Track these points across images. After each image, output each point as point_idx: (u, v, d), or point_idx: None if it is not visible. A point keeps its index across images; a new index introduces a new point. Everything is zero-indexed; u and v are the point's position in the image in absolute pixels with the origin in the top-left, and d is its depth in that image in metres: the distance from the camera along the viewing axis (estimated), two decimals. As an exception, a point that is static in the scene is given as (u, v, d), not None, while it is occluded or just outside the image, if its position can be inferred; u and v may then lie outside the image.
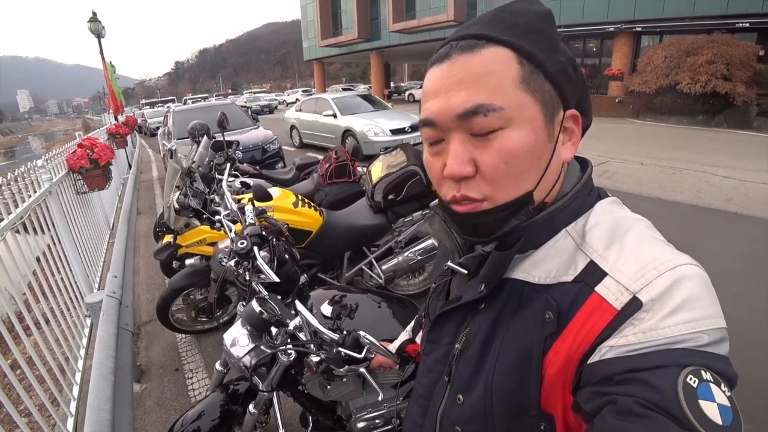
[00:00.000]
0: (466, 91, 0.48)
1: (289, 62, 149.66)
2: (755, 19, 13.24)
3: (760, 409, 1.90)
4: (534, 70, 0.48)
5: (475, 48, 0.48)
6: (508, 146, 0.48)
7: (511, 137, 0.48)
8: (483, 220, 0.52)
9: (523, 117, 0.48)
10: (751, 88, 11.46)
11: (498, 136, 0.48)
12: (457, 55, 0.49)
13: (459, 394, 0.60)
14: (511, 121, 0.48)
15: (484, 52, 0.48)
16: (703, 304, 0.42)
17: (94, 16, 9.42)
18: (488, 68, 0.47)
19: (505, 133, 0.48)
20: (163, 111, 13.67)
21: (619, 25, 15.85)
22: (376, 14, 26.83)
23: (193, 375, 2.54)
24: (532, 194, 0.51)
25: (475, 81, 0.47)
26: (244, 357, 1.11)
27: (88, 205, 3.91)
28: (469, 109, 0.47)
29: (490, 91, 0.47)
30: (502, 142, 0.48)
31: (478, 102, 0.47)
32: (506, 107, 0.47)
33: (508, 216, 0.51)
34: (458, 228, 0.57)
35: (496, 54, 0.48)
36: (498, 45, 0.48)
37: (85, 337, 2.58)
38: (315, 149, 10.11)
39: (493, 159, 0.48)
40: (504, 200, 0.50)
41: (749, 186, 5.77)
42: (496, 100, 0.47)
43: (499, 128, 0.48)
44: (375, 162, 2.98)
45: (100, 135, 6.59)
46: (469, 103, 0.47)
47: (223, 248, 2.19)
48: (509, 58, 0.48)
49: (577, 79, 0.52)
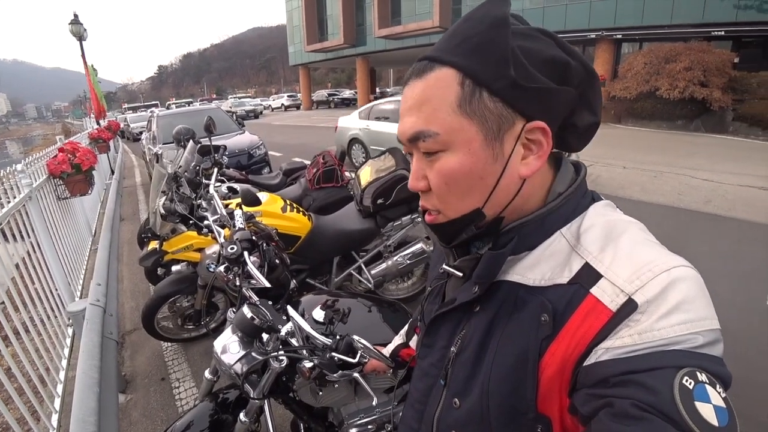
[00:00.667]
0: (412, 118, 0.52)
1: (275, 67, 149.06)
2: (729, 28, 13.72)
3: (742, 405, 1.95)
4: (476, 90, 0.48)
5: (424, 73, 0.51)
6: (445, 169, 0.51)
7: (448, 161, 0.51)
8: (441, 230, 0.58)
9: (459, 140, 0.50)
10: (726, 94, 11.81)
11: (439, 158, 0.52)
12: (411, 81, 0.53)
13: (455, 397, 0.59)
14: (447, 144, 0.50)
15: (430, 77, 0.50)
16: (698, 306, 0.42)
17: (75, 19, 9.26)
18: (429, 94, 0.50)
19: (444, 155, 0.51)
20: (147, 116, 13.47)
21: (600, 32, 16.24)
22: (361, 20, 26.96)
23: (180, 384, 2.49)
24: (480, 211, 0.53)
25: (418, 108, 0.51)
26: (235, 364, 1.09)
27: (70, 211, 3.82)
28: (412, 135, 0.52)
29: (427, 117, 0.50)
30: (441, 164, 0.52)
31: (417, 129, 0.51)
32: (441, 132, 0.50)
33: (460, 229, 0.56)
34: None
35: (438, 77, 0.49)
36: (444, 66, 0.49)
37: (67, 347, 2.51)
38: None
39: (435, 179, 0.53)
40: (452, 216, 0.55)
41: (727, 188, 5.93)
42: (432, 126, 0.50)
43: (440, 151, 0.51)
44: (363, 167, 2.98)
45: (82, 139, 6.46)
46: (411, 130, 0.52)
47: (211, 254, 2.17)
48: (452, 80, 0.49)
49: (545, 89, 0.48)
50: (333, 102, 35.25)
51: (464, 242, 0.57)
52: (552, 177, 0.57)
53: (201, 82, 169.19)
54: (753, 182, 6.22)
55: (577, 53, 0.52)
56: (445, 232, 0.58)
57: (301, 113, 31.28)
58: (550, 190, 0.56)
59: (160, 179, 2.32)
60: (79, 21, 9.31)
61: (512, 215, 0.55)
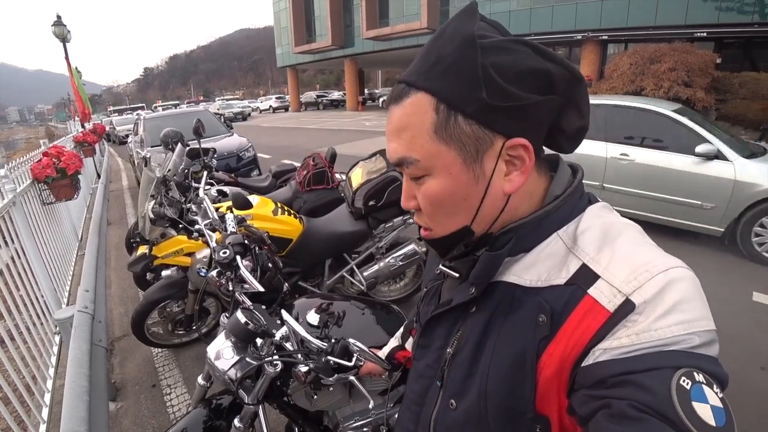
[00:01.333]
0: (393, 143, 0.54)
1: (262, 69, 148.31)
2: (711, 29, 14.00)
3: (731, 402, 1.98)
4: (450, 115, 0.48)
5: (401, 98, 0.51)
6: (429, 192, 0.53)
7: (430, 185, 0.53)
8: (433, 245, 0.61)
9: (438, 165, 0.51)
10: (710, 94, 12.04)
11: (424, 181, 0.54)
12: (391, 105, 0.53)
13: (452, 399, 0.59)
14: (428, 170, 0.52)
15: (406, 103, 0.51)
16: (694, 306, 0.43)
17: (58, 20, 9.09)
18: (406, 122, 0.51)
19: (427, 180, 0.53)
20: (133, 118, 13.29)
21: (586, 33, 16.45)
22: (349, 21, 26.95)
23: (171, 391, 2.45)
24: (469, 228, 0.55)
25: (398, 134, 0.53)
26: (229, 370, 1.08)
27: (55, 217, 3.75)
28: (396, 161, 0.54)
29: (407, 144, 0.52)
30: (425, 187, 0.53)
31: (400, 155, 0.53)
32: (421, 159, 0.51)
33: (451, 244, 0.58)
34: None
35: (414, 104, 0.50)
36: (419, 91, 0.50)
37: (54, 355, 2.46)
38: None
39: (422, 201, 0.55)
40: (442, 233, 0.57)
41: (712, 187, 6.02)
42: (413, 153, 0.51)
43: (424, 175, 0.53)
44: (354, 168, 2.98)
45: (67, 143, 6.35)
46: (395, 155, 0.54)
47: (201, 258, 2.15)
48: (427, 105, 0.49)
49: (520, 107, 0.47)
50: (322, 103, 35.20)
51: (459, 256, 0.60)
52: (547, 181, 0.57)
53: (188, 84, 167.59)
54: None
55: (559, 58, 0.50)
56: (438, 246, 0.60)
57: (290, 115, 31.18)
58: (547, 192, 0.56)
59: (148, 183, 2.29)
60: (62, 22, 9.14)
61: (502, 225, 0.56)
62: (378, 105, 30.15)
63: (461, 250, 0.59)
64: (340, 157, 3.88)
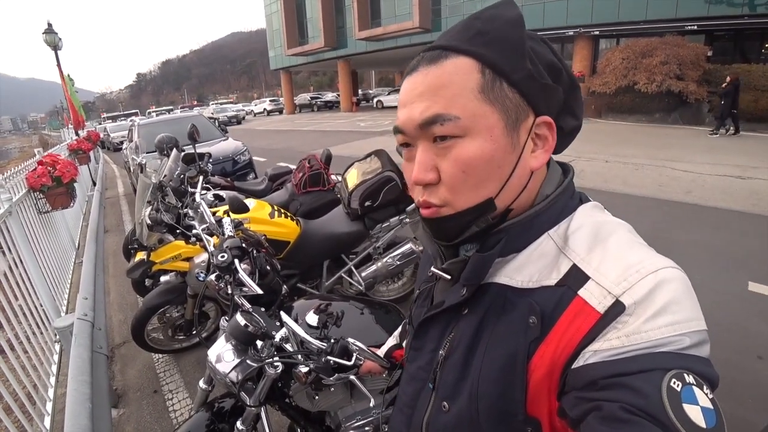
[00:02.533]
0: (426, 102, 0.50)
1: (256, 72, 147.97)
2: (702, 22, 14.08)
3: (721, 396, 2.00)
4: (496, 79, 0.49)
5: (439, 59, 0.50)
6: (464, 155, 0.50)
7: (468, 146, 0.50)
8: (444, 225, 0.54)
9: (480, 126, 0.49)
10: (701, 87, 12.13)
11: (456, 144, 0.50)
12: (422, 68, 0.51)
13: (444, 401, 0.59)
14: (467, 130, 0.49)
15: (446, 64, 0.50)
16: (684, 307, 0.43)
17: (49, 28, 9.06)
18: (447, 80, 0.49)
19: (463, 142, 0.50)
20: (127, 125, 13.22)
21: (578, 29, 16.51)
22: (341, 22, 26.93)
23: (173, 396, 2.45)
24: (492, 201, 0.52)
25: (434, 92, 0.50)
26: (230, 372, 1.08)
27: (52, 225, 3.75)
28: (427, 119, 0.50)
29: (447, 101, 0.49)
30: (458, 151, 0.50)
31: (435, 112, 0.49)
32: (462, 117, 0.49)
33: (468, 222, 0.53)
34: (429, 230, 0.59)
35: (457, 65, 0.49)
36: (461, 55, 0.50)
37: (55, 363, 2.46)
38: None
39: (451, 167, 0.51)
40: (464, 206, 0.52)
41: (706, 178, 6.09)
42: (453, 110, 0.49)
43: (457, 137, 0.50)
44: (350, 169, 2.98)
45: (61, 151, 6.33)
46: (427, 112, 0.50)
47: (200, 263, 2.15)
48: (471, 67, 0.49)
49: (551, 86, 0.52)
50: (316, 105, 35.17)
51: (470, 239, 0.55)
52: (544, 177, 0.57)
53: (181, 89, 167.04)
54: (729, 171, 6.40)
55: (565, 63, 0.55)
56: (447, 227, 0.55)
57: (284, 117, 31.11)
58: (538, 192, 0.56)
59: (144, 189, 2.30)
60: (53, 30, 9.11)
61: (517, 210, 0.55)
62: (372, 105, 30.13)
63: (484, 223, 0.53)
64: (336, 159, 3.89)
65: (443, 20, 21.18)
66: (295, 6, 29.60)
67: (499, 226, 0.54)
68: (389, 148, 2.89)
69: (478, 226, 0.53)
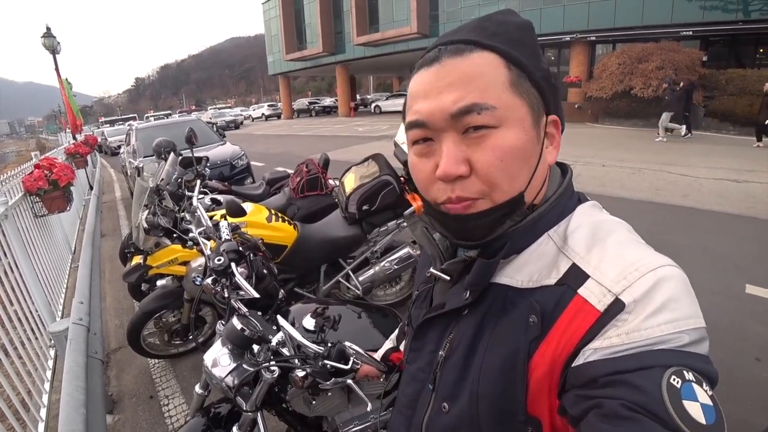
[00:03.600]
0: (459, 92, 0.49)
1: (254, 77, 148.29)
2: (697, 28, 14.20)
3: (719, 398, 2.00)
4: (521, 75, 0.50)
5: (464, 52, 0.50)
6: (503, 144, 0.49)
7: (504, 136, 0.49)
8: (479, 222, 0.52)
9: (514, 117, 0.50)
10: (698, 91, 12.19)
11: (491, 134, 0.49)
12: (446, 59, 0.50)
13: (444, 402, 0.59)
14: (502, 120, 0.49)
15: (474, 56, 0.49)
16: (683, 305, 0.43)
17: (48, 32, 9.06)
18: (479, 71, 0.49)
19: (499, 132, 0.49)
20: (125, 129, 13.21)
21: (575, 34, 16.62)
22: (340, 28, 27.04)
23: (169, 401, 2.44)
24: (523, 195, 0.52)
25: (467, 82, 0.49)
26: (226, 377, 1.08)
27: (48, 229, 3.73)
28: (463, 108, 0.48)
29: (481, 91, 0.48)
30: (495, 140, 0.49)
31: (471, 101, 0.48)
32: (498, 107, 0.48)
33: (503, 216, 0.52)
34: (451, 230, 0.56)
35: (484, 58, 0.50)
36: (486, 50, 0.50)
37: (50, 369, 2.44)
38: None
39: (488, 157, 0.49)
40: (501, 199, 0.51)
41: (702, 182, 6.12)
42: (489, 99, 0.48)
43: (492, 127, 0.49)
44: (347, 173, 2.98)
45: (58, 155, 6.32)
46: (463, 102, 0.48)
47: (197, 267, 2.14)
48: (498, 62, 0.50)
49: (557, 87, 0.55)
50: (314, 110, 35.19)
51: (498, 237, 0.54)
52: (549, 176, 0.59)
53: (179, 94, 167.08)
54: (725, 175, 6.43)
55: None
56: (478, 225, 0.52)
57: (282, 122, 31.14)
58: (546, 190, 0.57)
59: (141, 193, 2.29)
60: (51, 34, 9.11)
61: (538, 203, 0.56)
62: (370, 110, 30.15)
63: (520, 216, 0.53)
64: (334, 163, 3.89)
65: (441, 26, 21.29)
66: (294, 11, 29.71)
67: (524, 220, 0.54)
68: (387, 153, 2.90)
69: (513, 221, 0.53)
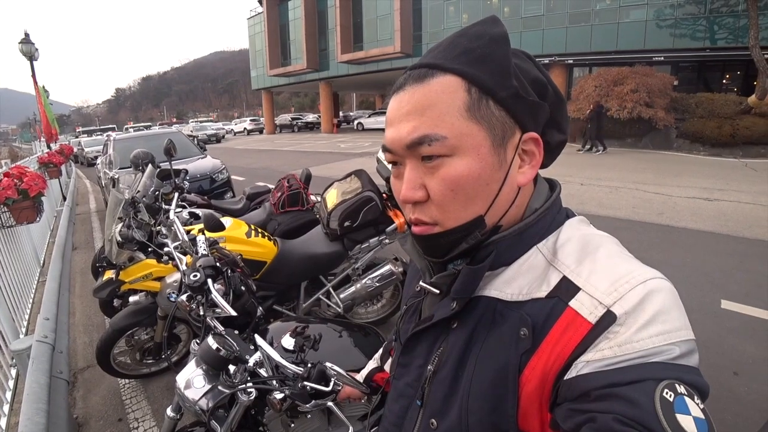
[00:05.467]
0: (413, 122, 0.50)
1: (237, 91, 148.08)
2: (668, 54, 14.92)
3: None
4: (482, 97, 0.49)
5: (425, 78, 0.50)
6: (453, 174, 0.50)
7: (455, 166, 0.50)
8: (435, 242, 0.55)
9: (467, 145, 0.49)
10: (669, 114, 12.72)
11: (443, 164, 0.50)
12: (409, 86, 0.51)
13: (432, 418, 0.57)
14: (455, 149, 0.49)
15: (433, 83, 0.49)
16: (674, 317, 0.43)
17: (26, 38, 8.84)
18: (434, 99, 0.49)
19: (451, 161, 0.50)
20: (102, 140, 12.94)
21: (553, 57, 17.22)
22: (324, 45, 27.34)
23: (139, 424, 2.32)
24: (482, 218, 0.52)
25: (421, 112, 0.50)
26: (200, 400, 1.02)
27: (15, 240, 3.57)
28: (416, 140, 0.50)
29: (434, 121, 0.49)
30: (447, 170, 0.50)
31: (422, 133, 0.49)
32: (450, 136, 0.49)
33: (458, 239, 0.53)
34: (419, 246, 0.59)
35: (443, 83, 0.49)
36: (447, 73, 0.49)
37: (10, 390, 2.30)
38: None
39: (439, 186, 0.51)
40: (453, 225, 0.52)
41: (676, 200, 6.31)
42: (440, 129, 0.49)
43: (445, 156, 0.50)
44: (329, 189, 2.96)
45: (31, 164, 6.12)
46: (416, 133, 0.50)
47: (172, 283, 2.07)
48: (457, 86, 0.49)
49: (537, 103, 0.52)
50: (297, 126, 35.23)
51: (460, 255, 0.55)
52: (532, 192, 0.58)
53: (161, 106, 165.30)
54: (698, 194, 6.65)
55: (551, 79, 0.56)
56: (438, 245, 0.55)
57: (265, 137, 31.02)
58: (526, 206, 0.57)
59: (116, 205, 2.22)
60: (30, 40, 8.90)
61: (506, 225, 0.55)
62: (353, 127, 30.36)
63: (474, 240, 0.53)
64: (316, 179, 3.87)
65: (424, 45, 21.76)
66: (279, 28, 29.95)
67: (488, 240, 0.54)
68: (369, 169, 2.89)
69: (468, 243, 0.53)
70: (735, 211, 5.64)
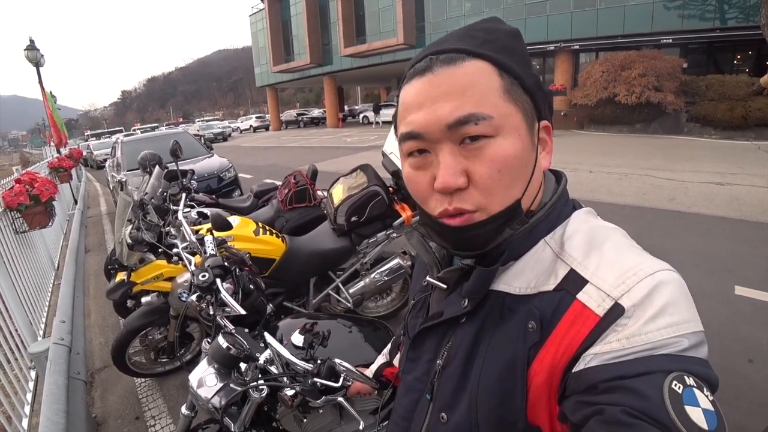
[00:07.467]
0: (455, 102, 0.48)
1: (242, 89, 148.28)
2: (676, 36, 14.58)
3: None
4: (513, 82, 0.50)
5: (456, 61, 0.49)
6: (501, 154, 0.48)
7: (502, 145, 0.48)
8: (477, 232, 0.51)
9: (510, 125, 0.49)
10: (679, 97, 12.48)
11: (489, 144, 0.48)
12: (439, 68, 0.49)
13: (442, 412, 0.58)
14: (499, 129, 0.48)
15: (466, 65, 0.48)
16: (682, 309, 0.43)
17: (31, 44, 8.93)
18: (473, 80, 0.48)
19: (496, 141, 0.48)
20: (111, 142, 13.07)
21: (559, 43, 16.94)
22: (327, 39, 27.21)
23: (156, 422, 2.36)
24: (520, 203, 0.51)
25: (462, 92, 0.48)
26: (213, 398, 1.04)
27: (29, 245, 3.64)
28: (460, 119, 0.47)
29: (477, 100, 0.48)
30: (494, 150, 0.48)
31: (469, 111, 0.47)
32: (495, 116, 0.48)
33: (501, 225, 0.51)
34: (449, 241, 0.54)
35: (477, 66, 0.49)
36: (477, 58, 0.49)
37: (30, 391, 2.35)
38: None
39: (486, 168, 0.48)
40: (498, 209, 0.50)
41: (688, 186, 6.21)
42: (485, 108, 0.48)
43: (489, 137, 0.48)
44: (335, 184, 2.96)
45: (41, 169, 6.20)
46: (459, 112, 0.47)
47: (182, 282, 2.09)
48: (490, 70, 0.49)
49: (547, 93, 0.55)
50: (302, 121, 35.22)
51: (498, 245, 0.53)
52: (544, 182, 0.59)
53: (167, 106, 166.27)
54: (710, 179, 6.54)
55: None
56: (478, 234, 0.51)
57: (271, 134, 31.08)
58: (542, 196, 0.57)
59: (125, 207, 2.24)
60: (35, 47, 8.98)
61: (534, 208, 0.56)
62: (358, 121, 30.25)
63: (521, 223, 0.52)
64: (322, 174, 3.87)
65: (427, 36, 21.54)
66: (281, 23, 29.85)
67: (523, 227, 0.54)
68: (375, 164, 2.89)
69: (513, 229, 0.52)
70: (748, 195, 5.54)
